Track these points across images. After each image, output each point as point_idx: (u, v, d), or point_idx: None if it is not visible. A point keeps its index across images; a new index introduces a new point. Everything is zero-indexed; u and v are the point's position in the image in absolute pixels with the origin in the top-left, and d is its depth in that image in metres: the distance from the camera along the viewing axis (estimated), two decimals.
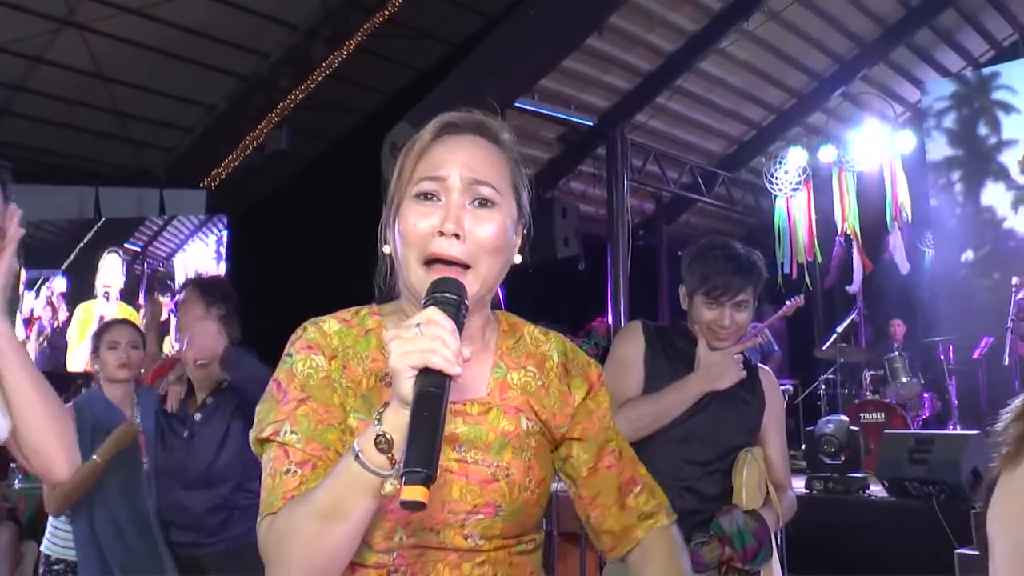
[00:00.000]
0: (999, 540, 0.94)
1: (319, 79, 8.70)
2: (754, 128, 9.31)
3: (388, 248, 1.15)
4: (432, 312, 0.95)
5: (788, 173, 8.17)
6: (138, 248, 8.07)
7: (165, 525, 2.83)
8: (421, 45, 8.83)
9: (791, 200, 8.21)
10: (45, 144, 8.89)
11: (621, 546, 1.26)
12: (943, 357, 7.10)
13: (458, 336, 0.94)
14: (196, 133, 9.43)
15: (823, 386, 7.46)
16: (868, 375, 7.07)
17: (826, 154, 7.87)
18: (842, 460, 4.36)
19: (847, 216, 7.87)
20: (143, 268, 8.12)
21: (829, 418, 4.72)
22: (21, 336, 7.98)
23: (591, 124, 8.12)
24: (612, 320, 7.69)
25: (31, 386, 1.40)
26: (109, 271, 8.03)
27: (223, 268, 7.87)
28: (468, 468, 1.10)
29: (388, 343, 0.94)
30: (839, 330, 7.52)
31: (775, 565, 2.09)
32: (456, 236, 1.08)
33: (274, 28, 8.46)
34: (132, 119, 8.92)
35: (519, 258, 1.18)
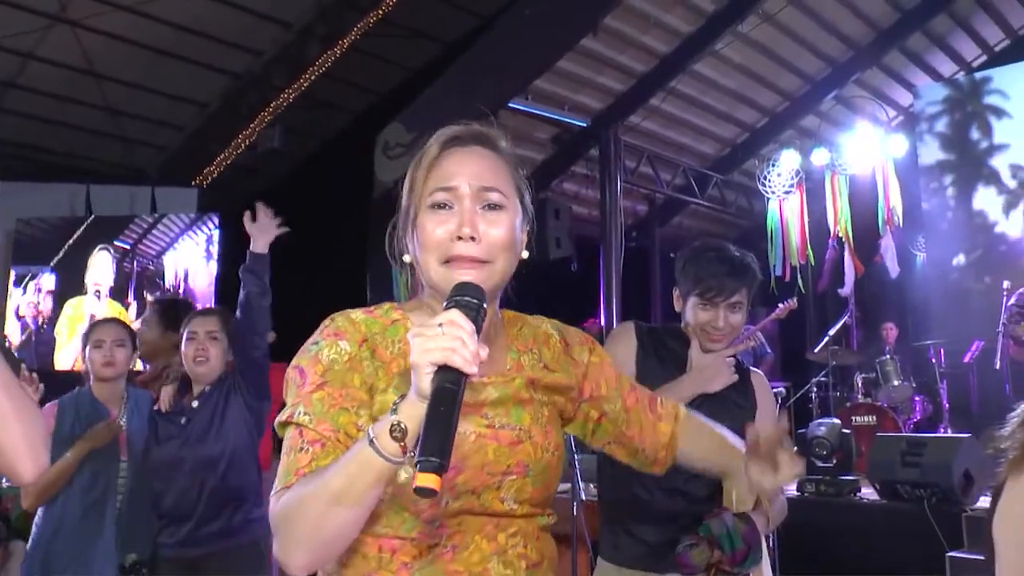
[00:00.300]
0: (1005, 542, 0.94)
1: (312, 78, 8.68)
2: (747, 130, 9.32)
3: (408, 257, 1.27)
4: (454, 314, 1.03)
5: (781, 176, 8.18)
6: (127, 246, 8.02)
7: (159, 527, 2.83)
8: (415, 45, 8.82)
9: (784, 203, 8.22)
10: (36, 141, 8.83)
11: (672, 447, 1.46)
12: (935, 360, 7.12)
13: (476, 338, 1.02)
14: (188, 131, 9.38)
15: (815, 389, 7.45)
16: (860, 378, 7.07)
17: (819, 157, 7.88)
18: (834, 463, 4.35)
19: (839, 219, 7.89)
20: (132, 266, 8.06)
21: (821, 421, 4.71)
22: (9, 332, 7.92)
23: (584, 125, 8.11)
24: (604, 321, 7.69)
25: None
26: (100, 268, 7.97)
27: (214, 267, 7.83)
28: (498, 432, 1.22)
29: (410, 339, 1.02)
30: (831, 333, 7.51)
31: (765, 568, 2.08)
32: (472, 239, 1.20)
33: (268, 26, 8.43)
34: (124, 116, 8.87)
35: (526, 253, 1.29)
